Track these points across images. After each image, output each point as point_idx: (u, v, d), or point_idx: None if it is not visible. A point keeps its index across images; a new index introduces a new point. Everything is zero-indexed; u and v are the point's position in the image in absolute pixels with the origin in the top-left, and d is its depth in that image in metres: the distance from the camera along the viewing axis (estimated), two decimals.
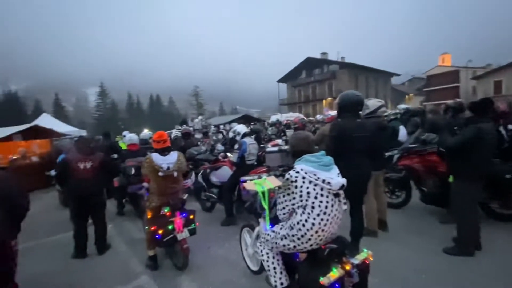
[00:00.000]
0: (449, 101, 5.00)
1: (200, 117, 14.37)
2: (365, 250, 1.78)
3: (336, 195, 1.81)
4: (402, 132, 4.82)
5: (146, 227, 3.09)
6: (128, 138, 5.37)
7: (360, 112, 3.00)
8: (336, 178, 1.77)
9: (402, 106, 6.25)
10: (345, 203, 1.90)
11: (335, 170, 1.89)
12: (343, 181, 1.77)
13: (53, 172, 5.05)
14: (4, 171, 2.08)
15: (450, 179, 2.95)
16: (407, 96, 41.57)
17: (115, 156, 5.94)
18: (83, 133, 16.54)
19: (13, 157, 8.43)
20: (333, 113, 4.83)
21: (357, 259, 1.71)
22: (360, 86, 35.95)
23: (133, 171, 4.53)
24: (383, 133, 3.51)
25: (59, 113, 53.23)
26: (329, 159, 1.89)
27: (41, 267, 3.35)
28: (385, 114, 5.03)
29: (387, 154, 4.00)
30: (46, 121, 14.92)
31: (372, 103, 3.58)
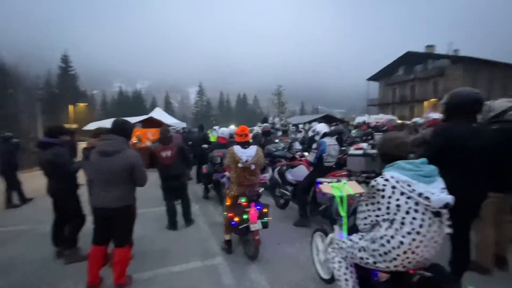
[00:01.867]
0: None
1: (277, 118, 14.66)
2: None
3: (437, 214, 1.47)
4: None
5: (225, 213, 3.36)
6: (221, 131, 5.99)
7: (479, 116, 2.36)
8: (438, 194, 1.44)
9: None
10: (449, 226, 1.53)
11: (439, 183, 1.54)
12: (448, 198, 1.42)
13: None
14: (134, 150, 2.70)
15: None
16: None
17: (206, 146, 6.70)
18: (184, 125, 19.46)
19: (134, 141, 10.71)
20: (437, 116, 4.01)
21: None
22: (480, 85, 28.63)
23: (218, 160, 5.00)
24: None
25: (168, 107, 64.87)
26: (432, 169, 1.55)
27: (143, 231, 4.08)
28: None
29: None
30: (158, 114, 18.32)
31: (498, 104, 2.75)
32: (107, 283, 2.66)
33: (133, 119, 13.93)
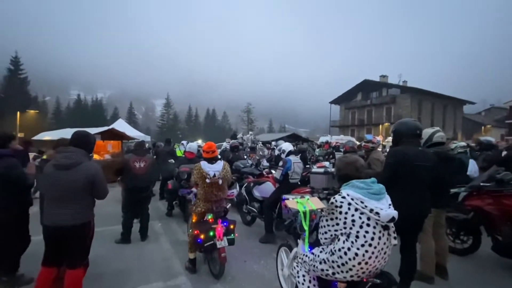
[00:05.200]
0: None
1: (250, 133, 14.97)
2: None
3: (385, 227, 1.67)
4: (472, 167, 4.24)
5: (190, 230, 3.29)
6: (188, 146, 5.85)
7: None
8: (386, 209, 1.64)
9: (486, 138, 5.45)
10: (395, 238, 1.74)
11: (387, 200, 1.75)
12: (394, 213, 1.62)
13: None
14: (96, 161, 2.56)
15: None
16: (483, 128, 36.06)
17: (173, 161, 6.52)
18: (148, 138, 18.63)
19: (91, 155, 9.96)
20: (376, 140, 4.52)
21: None
22: (424, 113, 32.70)
23: (185, 176, 4.91)
24: (449, 166, 3.11)
25: (131, 119, 61.58)
26: (380, 187, 1.76)
27: (100, 250, 3.78)
28: (453, 147, 4.50)
29: (452, 190, 3.53)
30: (120, 125, 17.27)
31: (425, 132, 3.23)
32: None
33: (92, 130, 13.02)
